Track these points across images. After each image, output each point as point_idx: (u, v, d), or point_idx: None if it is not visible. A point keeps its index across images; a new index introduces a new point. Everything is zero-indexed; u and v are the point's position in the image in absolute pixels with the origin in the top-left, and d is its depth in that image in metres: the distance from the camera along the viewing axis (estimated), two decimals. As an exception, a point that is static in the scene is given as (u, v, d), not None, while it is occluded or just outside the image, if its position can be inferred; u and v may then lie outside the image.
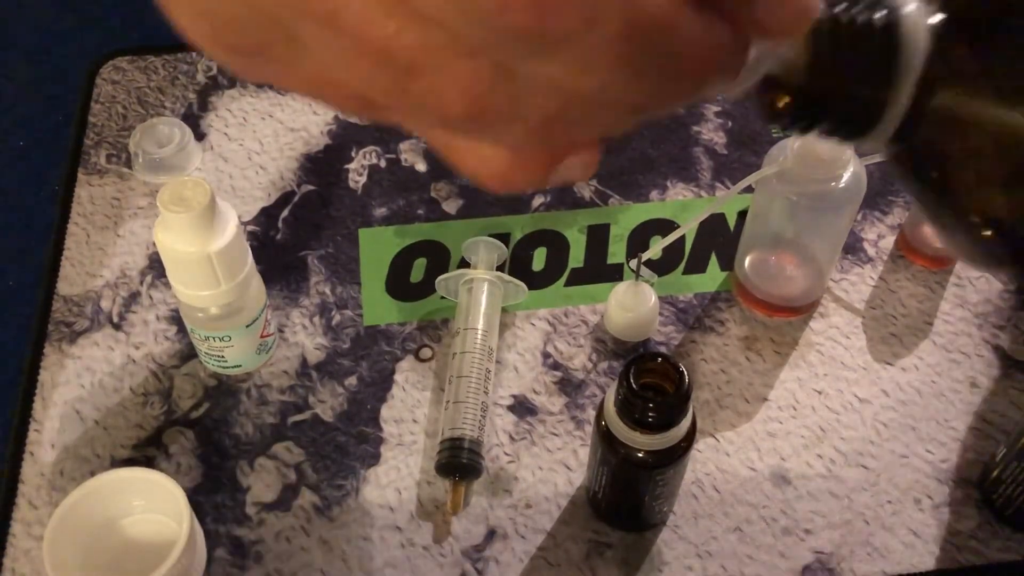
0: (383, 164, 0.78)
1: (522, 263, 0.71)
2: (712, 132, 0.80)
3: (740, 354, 0.66)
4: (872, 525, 0.59)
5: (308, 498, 0.60)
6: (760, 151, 0.78)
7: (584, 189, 0.76)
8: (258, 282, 0.62)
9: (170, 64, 0.85)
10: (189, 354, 0.66)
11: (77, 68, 0.86)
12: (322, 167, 0.77)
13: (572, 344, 0.67)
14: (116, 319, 0.68)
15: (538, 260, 0.72)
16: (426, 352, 0.66)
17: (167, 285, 0.68)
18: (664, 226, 0.74)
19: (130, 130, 0.78)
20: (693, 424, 0.52)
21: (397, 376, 0.65)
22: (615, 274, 0.71)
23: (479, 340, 0.62)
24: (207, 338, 0.61)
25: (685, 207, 0.75)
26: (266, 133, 0.79)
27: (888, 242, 0.73)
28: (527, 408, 0.63)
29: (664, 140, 0.79)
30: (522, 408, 0.63)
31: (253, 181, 0.77)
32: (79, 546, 0.54)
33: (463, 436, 0.58)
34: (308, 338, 0.67)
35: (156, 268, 0.71)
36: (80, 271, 0.71)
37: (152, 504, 0.56)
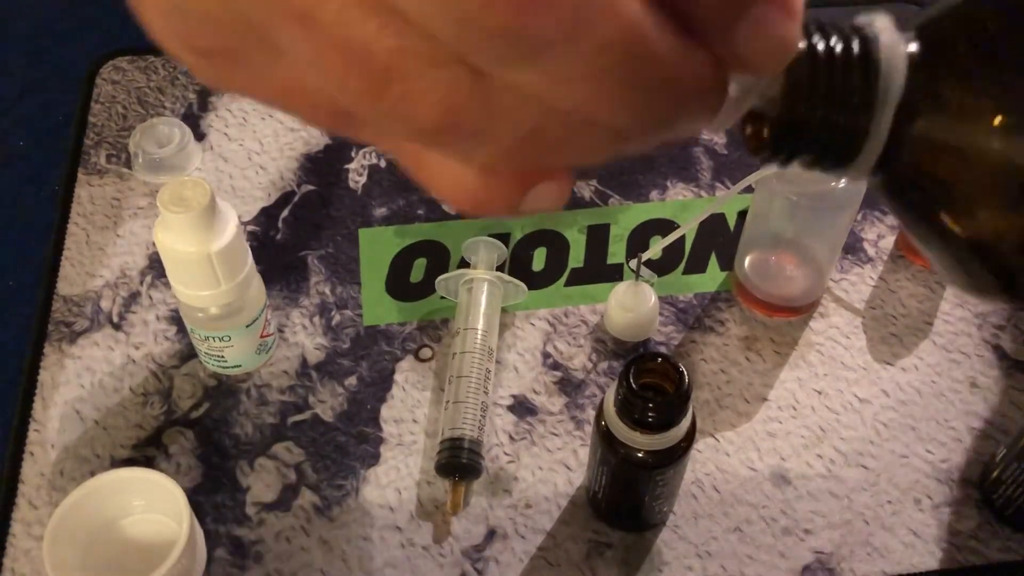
0: (383, 164, 0.78)
1: (522, 263, 0.71)
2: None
3: (740, 354, 0.66)
4: (872, 525, 0.59)
5: (308, 498, 0.60)
6: (760, 151, 0.78)
7: (584, 189, 0.76)
8: (258, 282, 0.62)
9: (170, 64, 0.85)
10: (189, 354, 0.66)
11: (77, 68, 0.86)
12: (322, 167, 0.77)
13: (572, 344, 0.67)
14: (116, 319, 0.68)
15: (538, 260, 0.72)
16: (426, 352, 0.66)
17: (167, 285, 0.68)
18: (664, 226, 0.74)
19: (130, 130, 0.78)
20: (693, 424, 0.52)
21: (397, 376, 0.65)
22: (615, 274, 0.71)
23: (479, 340, 0.62)
24: (207, 338, 0.61)
25: (685, 207, 0.75)
26: (266, 133, 0.79)
27: (888, 242, 0.73)
28: (527, 408, 0.63)
29: (664, 140, 0.79)
30: (522, 408, 0.63)
31: (253, 181, 0.77)
32: (79, 546, 0.54)
33: (463, 436, 0.58)
34: (308, 338, 0.67)
35: (156, 268, 0.71)
36: (80, 271, 0.71)
37: (152, 504, 0.56)
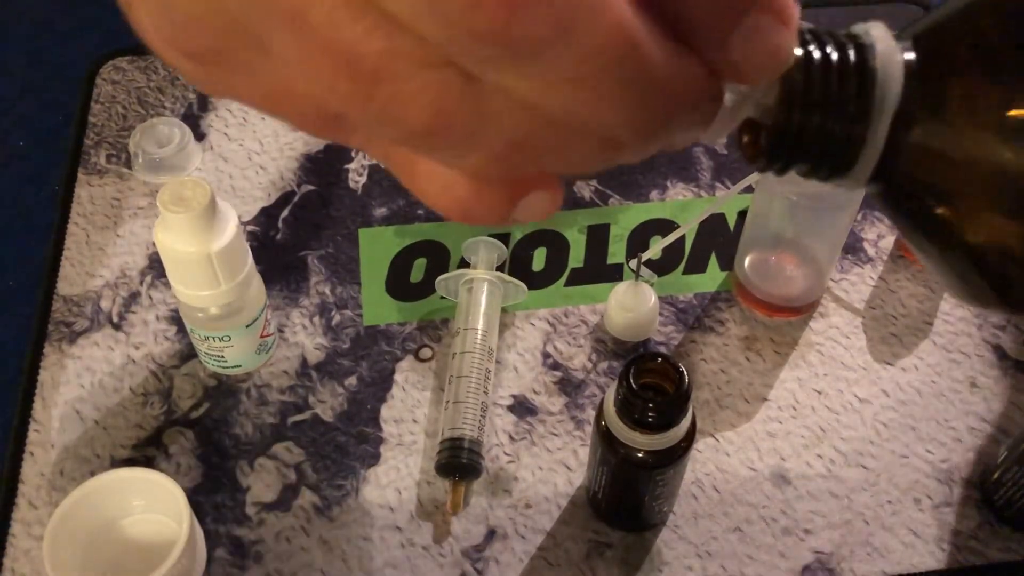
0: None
1: (522, 263, 0.71)
2: (712, 132, 0.80)
3: (740, 354, 0.66)
4: (872, 525, 0.59)
5: (308, 498, 0.60)
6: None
7: (584, 189, 0.76)
8: (258, 282, 0.62)
9: (170, 64, 0.85)
10: (189, 354, 0.66)
11: (77, 68, 0.86)
12: (322, 167, 0.77)
13: (572, 344, 0.67)
14: (116, 319, 0.68)
15: (538, 260, 0.72)
16: (426, 352, 0.66)
17: (167, 285, 0.68)
18: (664, 226, 0.74)
19: (130, 130, 0.78)
20: (693, 424, 0.52)
21: (397, 376, 0.65)
22: (615, 274, 0.71)
23: (479, 340, 0.62)
24: (207, 338, 0.61)
25: (685, 207, 0.75)
26: (266, 133, 0.79)
27: (888, 242, 0.73)
28: (527, 408, 0.63)
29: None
30: (522, 408, 0.63)
31: (253, 181, 0.77)
32: (79, 546, 0.54)
33: (463, 436, 0.58)
34: (308, 338, 0.67)
35: (156, 268, 0.71)
36: (80, 271, 0.71)
37: (152, 504, 0.56)
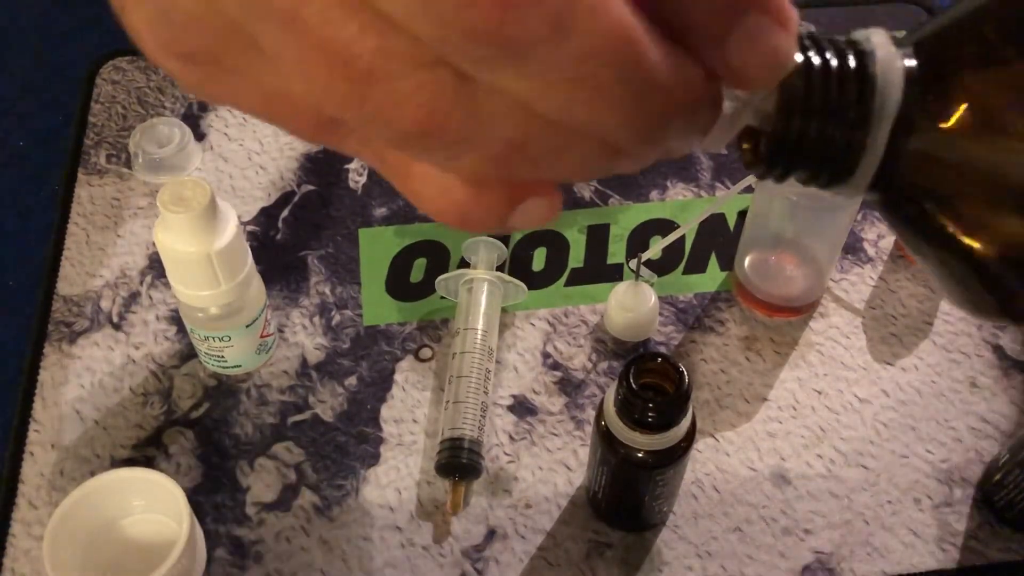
0: (383, 164, 0.78)
1: (522, 263, 0.71)
2: (712, 132, 0.80)
3: (740, 354, 0.66)
4: (872, 525, 0.59)
5: (308, 498, 0.60)
6: (760, 151, 0.78)
7: (584, 189, 0.76)
8: (258, 282, 0.62)
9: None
10: (189, 354, 0.66)
11: (77, 68, 0.86)
12: (322, 167, 0.77)
13: (572, 344, 0.67)
14: (116, 319, 0.68)
15: (538, 260, 0.72)
16: (426, 352, 0.66)
17: (167, 285, 0.68)
18: (664, 226, 0.74)
19: (130, 130, 0.78)
20: (693, 424, 0.52)
21: (397, 376, 0.65)
22: (615, 274, 0.71)
23: (479, 340, 0.62)
24: (207, 338, 0.61)
25: (685, 207, 0.75)
26: (266, 133, 0.79)
27: (888, 242, 0.73)
28: (527, 408, 0.63)
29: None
30: (522, 408, 0.63)
31: (253, 181, 0.77)
32: (79, 546, 0.54)
33: (463, 436, 0.58)
34: (308, 338, 0.67)
35: (156, 268, 0.71)
36: (80, 271, 0.71)
37: (152, 504, 0.56)
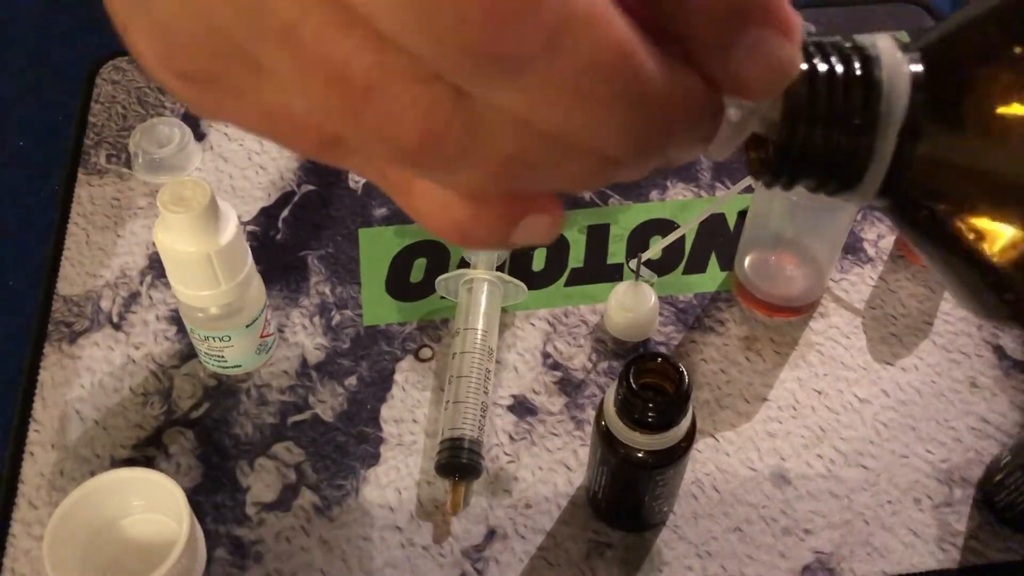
0: (383, 164, 0.78)
1: (522, 263, 0.71)
2: (712, 132, 0.80)
3: (740, 354, 0.66)
4: (872, 525, 0.59)
5: (308, 498, 0.60)
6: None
7: (584, 189, 0.76)
8: (258, 282, 0.62)
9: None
10: (189, 354, 0.66)
11: (77, 68, 0.86)
12: (322, 167, 0.77)
13: (572, 344, 0.67)
14: (116, 319, 0.68)
15: (538, 260, 0.72)
16: (426, 352, 0.66)
17: (167, 285, 0.68)
18: (664, 226, 0.74)
19: (130, 130, 0.78)
20: (693, 424, 0.52)
21: (397, 376, 0.65)
22: (615, 274, 0.71)
23: (479, 340, 0.62)
24: (207, 338, 0.61)
25: (685, 207, 0.75)
26: (266, 133, 0.79)
27: (888, 242, 0.73)
28: (527, 408, 0.63)
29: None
30: (522, 408, 0.63)
31: (253, 181, 0.77)
32: (79, 546, 0.54)
33: (463, 436, 0.58)
34: (308, 338, 0.67)
35: (156, 268, 0.71)
36: (80, 271, 0.71)
37: (152, 504, 0.56)
